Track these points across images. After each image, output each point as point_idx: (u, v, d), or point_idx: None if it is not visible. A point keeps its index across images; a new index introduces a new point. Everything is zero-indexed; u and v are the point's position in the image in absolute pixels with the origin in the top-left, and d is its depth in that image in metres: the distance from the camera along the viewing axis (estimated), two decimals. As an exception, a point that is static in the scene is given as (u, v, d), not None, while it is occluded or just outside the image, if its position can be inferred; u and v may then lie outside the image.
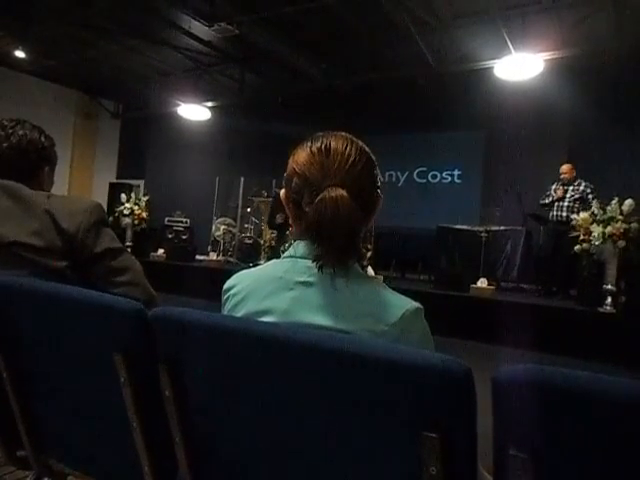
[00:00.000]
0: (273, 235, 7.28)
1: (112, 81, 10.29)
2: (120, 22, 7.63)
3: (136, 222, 9.11)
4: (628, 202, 5.68)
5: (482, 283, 6.82)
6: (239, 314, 0.94)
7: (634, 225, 5.59)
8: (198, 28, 7.61)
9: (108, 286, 1.27)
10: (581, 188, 6.71)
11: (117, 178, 11.43)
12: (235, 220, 9.97)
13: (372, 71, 8.14)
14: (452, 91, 8.36)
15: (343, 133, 1.00)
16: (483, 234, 7.88)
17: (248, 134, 9.72)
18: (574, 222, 6.16)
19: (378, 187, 1.00)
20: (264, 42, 7.75)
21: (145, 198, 9.39)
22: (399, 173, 10.24)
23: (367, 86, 8.81)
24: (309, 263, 0.89)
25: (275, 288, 0.91)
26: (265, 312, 0.90)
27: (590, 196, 6.57)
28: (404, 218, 9.49)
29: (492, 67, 7.08)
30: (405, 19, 6.74)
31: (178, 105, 9.57)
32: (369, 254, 8.05)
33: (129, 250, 8.97)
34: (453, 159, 9.69)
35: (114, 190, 9.88)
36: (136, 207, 9.19)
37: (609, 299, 5.82)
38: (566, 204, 6.71)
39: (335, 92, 9.01)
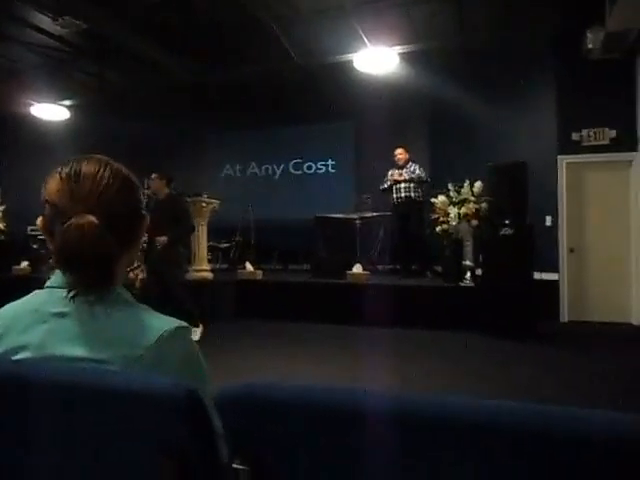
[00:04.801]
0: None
1: (-49, 80, 9.24)
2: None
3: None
4: (477, 184, 6.21)
5: (357, 269, 7.10)
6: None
7: (484, 205, 6.12)
8: (46, 22, 7.06)
9: None
10: (413, 169, 7.42)
11: (-33, 188, 10.33)
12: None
13: (238, 66, 8.07)
14: (319, 84, 8.57)
15: (98, 156, 0.98)
16: (357, 221, 8.20)
17: (113, 134, 9.22)
18: (436, 205, 6.61)
19: (139, 207, 0.99)
20: (121, 37, 7.36)
21: (0, 208, 8.60)
22: (275, 166, 10.32)
23: (236, 81, 8.73)
24: (65, 293, 0.87)
25: (31, 321, 0.88)
26: (21, 348, 0.87)
27: (423, 175, 7.32)
28: (283, 210, 9.61)
29: (352, 60, 7.33)
30: (264, 14, 6.75)
31: (31, 105, 8.84)
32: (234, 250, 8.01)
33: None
34: (326, 150, 9.94)
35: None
36: (-10, 218, 8.40)
37: (468, 274, 6.33)
38: (403, 186, 7.37)
39: (204, 89, 8.83)
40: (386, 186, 7.61)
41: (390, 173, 7.59)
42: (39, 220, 0.97)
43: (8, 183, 10.32)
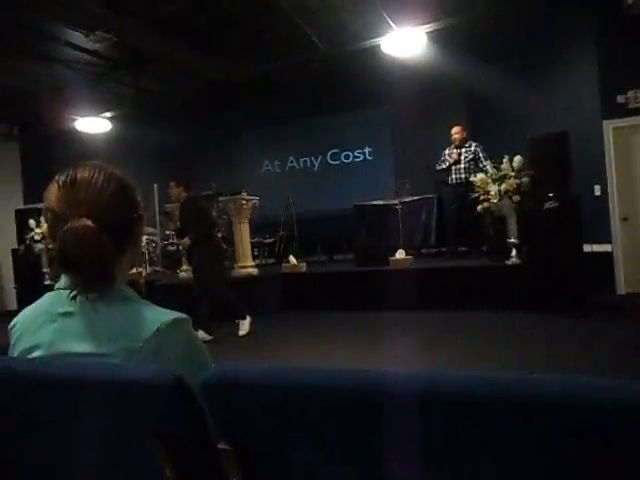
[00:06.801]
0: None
1: (0, 102, 9.75)
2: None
3: (50, 246, 8.76)
4: (517, 158, 6.01)
5: (400, 254, 7.05)
6: (17, 351, 0.96)
7: (525, 179, 5.92)
8: (81, 39, 7.35)
9: None
10: (472, 148, 7.10)
11: (25, 204, 10.89)
12: (156, 228, 9.78)
13: (267, 61, 8.12)
14: (349, 72, 8.51)
15: (95, 162, 1.03)
16: (398, 206, 8.11)
17: (154, 140, 9.51)
18: (475, 183, 6.46)
19: (135, 209, 1.03)
20: (152, 45, 7.56)
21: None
22: (313, 158, 10.36)
23: (267, 77, 8.80)
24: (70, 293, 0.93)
25: (42, 322, 0.94)
26: (35, 347, 0.93)
27: (481, 155, 6.97)
28: (324, 201, 9.63)
29: (380, 45, 7.24)
30: (288, 7, 6.77)
31: (75, 120, 9.22)
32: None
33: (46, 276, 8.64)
34: (362, 137, 9.89)
35: (21, 217, 9.41)
36: (48, 231, 8.83)
37: (514, 251, 6.16)
38: (463, 166, 7.08)
39: (234, 87, 8.95)
40: (444, 166, 7.26)
41: (447, 152, 7.24)
42: (45, 227, 1.04)
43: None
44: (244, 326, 5.66)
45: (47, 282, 8.83)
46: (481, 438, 0.59)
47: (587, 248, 5.98)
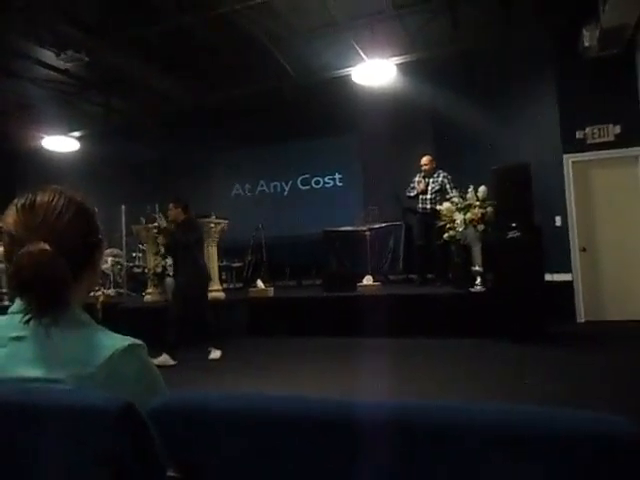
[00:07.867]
0: (157, 262, 7.11)
1: (-35, 119, 9.55)
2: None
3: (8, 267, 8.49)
4: (482, 189, 6.18)
5: (368, 280, 7.09)
6: None
7: (489, 209, 6.08)
8: (51, 57, 7.29)
9: None
10: (440, 179, 7.19)
11: (-16, 221, 10.62)
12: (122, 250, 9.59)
13: (239, 86, 8.20)
14: (321, 99, 8.66)
15: (54, 186, 1.03)
16: (366, 233, 8.18)
17: (122, 160, 9.43)
18: (441, 212, 6.59)
19: (95, 234, 1.03)
20: (123, 66, 7.57)
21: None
22: (283, 183, 10.41)
23: (238, 102, 8.86)
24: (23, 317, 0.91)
25: None
26: None
27: (448, 186, 7.07)
28: (293, 226, 9.66)
29: (351, 74, 7.41)
30: (261, 35, 6.88)
31: (42, 138, 9.09)
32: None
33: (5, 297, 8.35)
34: (333, 164, 10.01)
35: (-19, 235, 9.16)
36: (7, 250, 8.57)
37: (478, 279, 6.28)
38: (429, 197, 7.19)
39: (205, 110, 8.99)
40: (412, 195, 7.37)
41: (417, 180, 7.32)
42: (0, 250, 1.02)
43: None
44: (215, 353, 5.58)
45: (5, 303, 8.54)
46: (452, 468, 0.60)
47: (548, 277, 6.14)
